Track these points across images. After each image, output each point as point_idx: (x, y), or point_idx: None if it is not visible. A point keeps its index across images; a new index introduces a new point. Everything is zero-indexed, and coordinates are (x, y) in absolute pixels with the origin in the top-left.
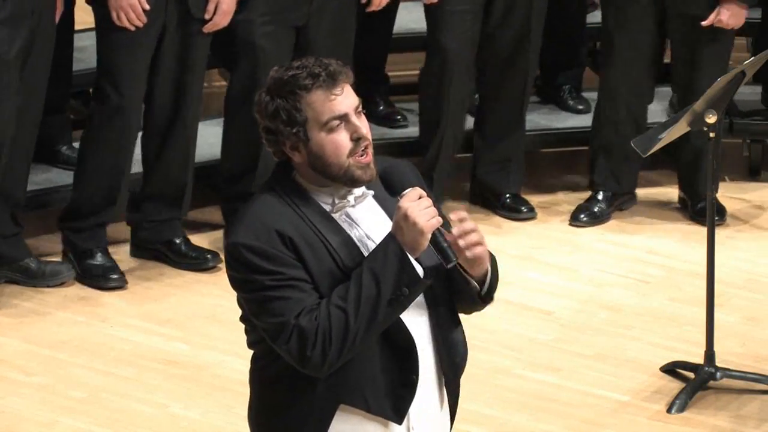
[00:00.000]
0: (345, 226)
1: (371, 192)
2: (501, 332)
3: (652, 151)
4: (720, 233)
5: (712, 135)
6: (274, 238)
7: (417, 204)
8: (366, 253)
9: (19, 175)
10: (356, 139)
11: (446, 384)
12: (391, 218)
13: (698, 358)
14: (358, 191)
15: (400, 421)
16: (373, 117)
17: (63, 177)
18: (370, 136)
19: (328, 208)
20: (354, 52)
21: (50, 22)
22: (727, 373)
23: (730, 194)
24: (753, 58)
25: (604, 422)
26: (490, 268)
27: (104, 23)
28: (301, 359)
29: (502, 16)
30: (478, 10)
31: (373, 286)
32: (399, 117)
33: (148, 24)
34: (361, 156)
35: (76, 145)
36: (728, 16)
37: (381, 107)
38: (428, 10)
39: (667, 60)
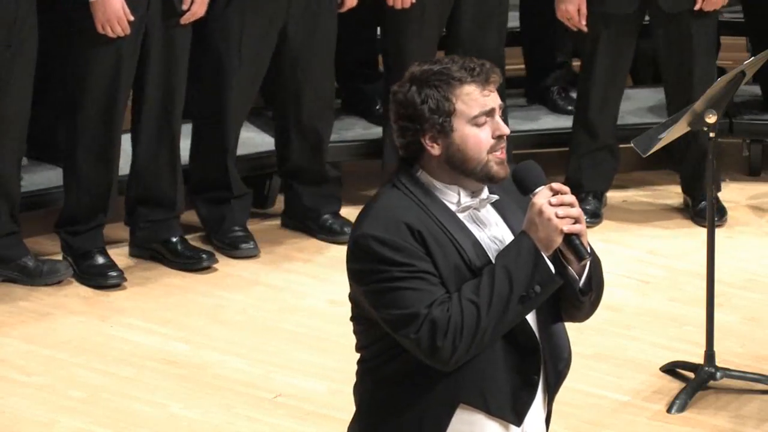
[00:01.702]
0: (470, 226)
1: (495, 197)
2: None
3: (652, 151)
4: (720, 233)
5: (712, 135)
6: (403, 231)
7: (551, 200)
8: (491, 255)
9: (14, 174)
10: (498, 137)
11: (547, 391)
12: (511, 228)
13: (698, 358)
14: (484, 194)
15: (519, 423)
16: (370, 116)
17: None
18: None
19: (453, 207)
20: (351, 51)
21: (32, 25)
22: (727, 373)
23: (730, 194)
24: (753, 58)
25: (604, 422)
26: (590, 261)
27: (86, 34)
28: (431, 349)
29: (469, 29)
30: (441, 21)
31: (506, 283)
32: None
33: (133, 33)
34: (499, 153)
35: None
36: None
37: (378, 106)
38: (389, 21)
39: None
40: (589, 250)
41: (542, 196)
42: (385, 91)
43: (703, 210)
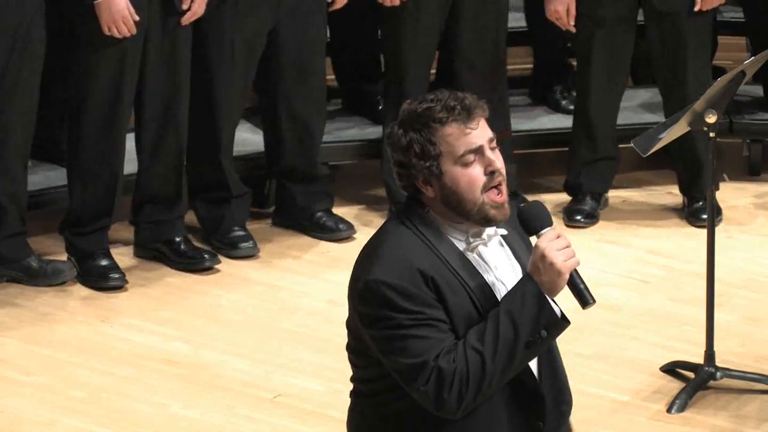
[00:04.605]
0: (479, 268)
1: (503, 231)
2: None
3: (652, 150)
4: (720, 233)
5: (712, 135)
6: (416, 278)
7: (555, 243)
8: (499, 297)
9: (21, 175)
10: (490, 173)
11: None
12: (519, 260)
13: (698, 358)
14: (491, 230)
15: None
16: (371, 116)
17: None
18: (504, 171)
19: (461, 246)
20: (352, 51)
21: (39, 29)
22: (727, 373)
23: (730, 194)
24: (753, 58)
25: (604, 422)
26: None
27: (91, 36)
28: (438, 402)
29: (470, 34)
30: (439, 25)
31: (511, 329)
32: None
33: (137, 33)
34: (497, 195)
35: None
36: None
37: (380, 106)
38: (389, 25)
39: None
40: (593, 297)
41: (546, 239)
42: (384, 91)
43: (698, 210)
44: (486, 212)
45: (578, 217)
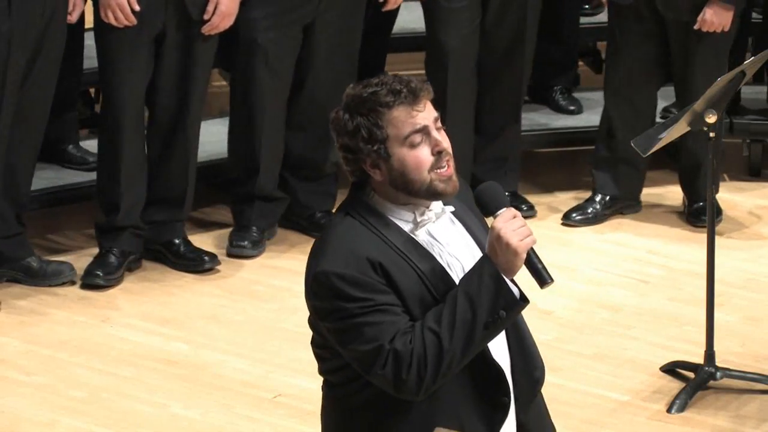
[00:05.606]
0: (430, 248)
1: (450, 208)
2: None
3: (651, 151)
4: (720, 233)
5: (712, 135)
6: (365, 266)
7: (510, 224)
8: (454, 275)
9: (24, 176)
10: (437, 153)
11: (523, 403)
12: (473, 235)
13: (698, 358)
14: (437, 207)
15: None
16: None
17: (69, 176)
18: (451, 150)
19: (409, 227)
20: (359, 54)
21: (61, 24)
22: (727, 372)
23: (730, 194)
24: (753, 58)
25: (604, 422)
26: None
27: (101, 23)
28: (396, 383)
29: (498, 12)
30: (476, 5)
31: (468, 310)
32: None
33: (143, 25)
34: (444, 170)
35: (83, 144)
36: (711, 16)
37: None
38: (426, 7)
39: None
40: (551, 277)
41: (501, 220)
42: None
43: (698, 210)
44: (435, 187)
45: (573, 215)
